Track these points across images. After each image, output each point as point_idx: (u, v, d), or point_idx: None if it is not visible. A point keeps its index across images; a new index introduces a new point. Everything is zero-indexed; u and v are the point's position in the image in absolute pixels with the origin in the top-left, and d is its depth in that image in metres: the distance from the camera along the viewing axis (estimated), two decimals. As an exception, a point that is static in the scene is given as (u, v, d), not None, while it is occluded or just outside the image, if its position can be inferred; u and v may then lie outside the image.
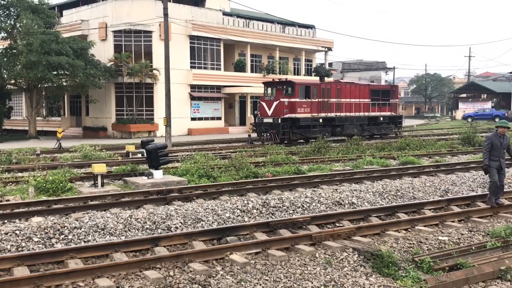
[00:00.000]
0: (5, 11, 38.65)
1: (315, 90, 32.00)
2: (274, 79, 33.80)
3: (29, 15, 35.71)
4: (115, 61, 40.13)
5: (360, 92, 34.98)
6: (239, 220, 10.71)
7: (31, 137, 38.87)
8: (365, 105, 35.13)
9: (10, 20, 38.91)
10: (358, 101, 34.61)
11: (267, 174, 16.32)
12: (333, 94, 33.10)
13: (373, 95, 35.77)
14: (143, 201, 12.06)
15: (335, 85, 34.58)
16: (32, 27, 34.78)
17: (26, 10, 36.28)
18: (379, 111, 36.24)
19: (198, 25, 43.04)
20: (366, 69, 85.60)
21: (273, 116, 30.75)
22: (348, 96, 34.02)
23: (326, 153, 22.75)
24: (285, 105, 30.55)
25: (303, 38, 54.09)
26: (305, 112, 31.37)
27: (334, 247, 8.43)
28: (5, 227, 9.38)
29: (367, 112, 35.34)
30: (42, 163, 20.17)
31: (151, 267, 7.24)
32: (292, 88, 31.06)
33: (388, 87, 39.47)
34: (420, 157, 21.66)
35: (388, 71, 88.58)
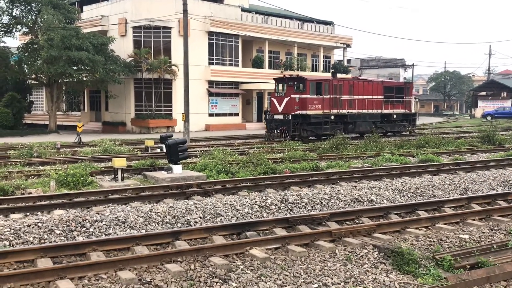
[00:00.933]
0: (27, 7, 39.07)
1: (326, 86, 31.49)
2: (285, 75, 33.22)
3: (50, 11, 36.03)
4: (135, 57, 40.39)
5: (373, 88, 34.37)
6: (257, 216, 10.74)
7: (51, 132, 39.33)
8: (378, 102, 34.52)
9: (31, 16, 39.33)
10: (371, 98, 34.01)
11: (285, 170, 16.33)
12: (346, 90, 32.56)
13: (386, 92, 35.16)
14: (163, 195, 12.14)
15: (348, 81, 34.03)
16: (53, 23, 35.11)
17: (47, 6, 36.63)
18: (392, 108, 35.59)
19: (217, 21, 43.11)
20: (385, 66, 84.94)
21: (283, 113, 30.36)
22: (360, 92, 33.45)
23: (344, 150, 22.68)
24: (296, 101, 30.15)
25: (322, 34, 53.89)
26: (316, 109, 30.81)
27: (354, 244, 8.43)
28: (28, 219, 9.53)
29: (380, 109, 34.70)
30: (62, 157, 20.41)
31: (172, 261, 7.31)
32: (303, 84, 30.56)
33: (401, 84, 38.62)
34: (440, 155, 21.48)
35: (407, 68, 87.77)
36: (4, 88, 44.34)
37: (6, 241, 8.45)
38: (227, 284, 6.79)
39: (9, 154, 21.29)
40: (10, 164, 17.56)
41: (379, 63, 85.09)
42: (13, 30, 40.18)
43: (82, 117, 45.55)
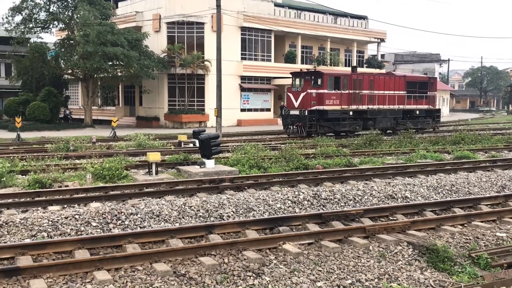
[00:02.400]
0: (63, 3, 39.85)
1: (345, 81, 30.46)
2: (301, 69, 32.47)
3: (86, 7, 36.63)
4: (168, 52, 40.76)
5: (395, 83, 33.19)
6: (290, 211, 10.75)
7: (87, 126, 40.06)
8: (400, 97, 33.30)
9: (67, 12, 40.09)
10: (392, 93, 32.84)
11: (318, 166, 16.26)
12: (365, 85, 31.45)
13: (409, 87, 33.87)
14: (196, 189, 12.25)
15: (368, 76, 32.88)
16: (89, 19, 35.69)
17: (83, 2, 37.26)
18: (415, 104, 34.33)
19: (250, 16, 43.14)
20: (419, 61, 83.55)
21: (299, 108, 29.48)
22: (381, 87, 32.35)
23: (378, 146, 22.45)
24: (312, 96, 29.21)
25: (355, 29, 53.37)
26: (334, 104, 29.87)
27: (388, 241, 8.36)
28: (65, 211, 9.75)
29: (402, 105, 33.48)
30: (98, 150, 20.78)
31: (206, 254, 7.38)
32: (321, 79, 29.54)
33: (425, 79, 37.08)
34: (476, 152, 21.07)
35: (442, 63, 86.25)
36: (41, 83, 45.27)
37: (45, 232, 8.66)
38: (260, 278, 6.82)
39: (46, 147, 21.78)
40: (47, 158, 17.97)
41: (413, 58, 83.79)
42: (50, 26, 41.08)
43: (116, 112, 46.24)
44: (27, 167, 15.28)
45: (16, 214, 9.50)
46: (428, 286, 7.00)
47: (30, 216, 9.17)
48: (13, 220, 8.84)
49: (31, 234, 8.58)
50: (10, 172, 13.77)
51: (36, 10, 39.30)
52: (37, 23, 40.10)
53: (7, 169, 13.61)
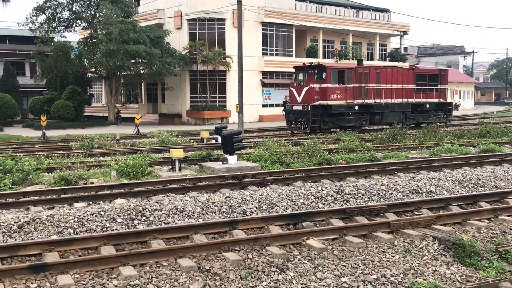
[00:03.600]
0: (86, 2, 40.27)
1: (350, 74, 29.63)
2: (304, 63, 31.45)
3: (108, 5, 36.96)
4: (190, 49, 40.92)
5: (403, 76, 32.17)
6: (313, 207, 10.71)
7: (111, 123, 40.49)
8: (408, 90, 32.29)
9: (90, 11, 40.50)
10: (400, 86, 31.87)
11: (341, 161, 16.17)
12: (372, 79, 30.52)
13: (418, 79, 32.85)
14: (219, 185, 12.29)
15: (374, 69, 31.82)
16: (111, 17, 36.01)
17: (105, 0, 37.61)
18: (425, 98, 33.23)
19: (271, 11, 43.04)
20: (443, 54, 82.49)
21: (302, 103, 28.62)
22: (389, 81, 31.37)
23: (401, 140, 22.24)
24: (315, 91, 28.41)
25: (377, 22, 52.86)
26: (339, 99, 29.05)
27: (413, 235, 8.28)
28: (91, 208, 9.87)
29: (411, 98, 32.46)
30: (122, 148, 20.99)
31: (230, 249, 7.40)
32: (324, 72, 28.85)
33: (436, 71, 35.60)
34: (502, 145, 20.73)
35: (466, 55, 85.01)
36: (65, 82, 45.91)
37: (71, 229, 8.78)
38: (284, 273, 6.82)
39: (71, 145, 22.09)
40: (72, 155, 18.22)
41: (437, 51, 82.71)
42: (73, 25, 41.58)
43: (139, 109, 46.63)
44: (53, 165, 15.52)
45: (43, 211, 9.66)
46: (454, 281, 6.91)
47: (56, 213, 9.30)
48: (40, 217, 8.98)
49: (58, 230, 8.70)
50: (36, 169, 14.00)
51: (59, 10, 39.83)
52: (61, 22, 40.60)
53: (33, 167, 13.84)
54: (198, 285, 6.40)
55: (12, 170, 13.08)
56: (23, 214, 9.35)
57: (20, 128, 38.95)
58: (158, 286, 6.35)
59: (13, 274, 6.38)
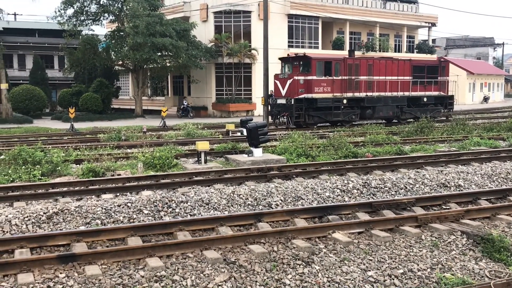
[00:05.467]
0: (113, -5, 40.62)
1: (338, 66, 27.94)
2: (289, 54, 30.25)
3: (135, -2, 37.19)
4: (216, 42, 40.98)
5: (398, 68, 30.31)
6: (339, 200, 10.64)
7: (137, 116, 40.86)
8: (404, 83, 30.48)
9: (117, 4, 40.77)
10: (395, 78, 30.13)
11: (367, 154, 16.03)
12: (363, 71, 28.86)
13: (415, 71, 31.00)
14: (244, 178, 12.29)
15: (366, 60, 30.08)
16: (138, 10, 36.22)
17: (132, -7, 37.83)
18: (423, 91, 31.38)
19: (297, 3, 42.77)
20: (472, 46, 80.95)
21: (286, 96, 27.43)
22: (382, 73, 29.63)
23: (429, 133, 21.93)
24: (300, 83, 26.98)
25: (405, 13, 52.11)
26: (325, 92, 27.45)
27: (441, 230, 8.17)
28: (118, 199, 9.98)
29: (407, 91, 30.69)
30: (148, 140, 21.18)
31: (255, 242, 7.40)
32: (309, 64, 27.29)
33: (435, 62, 33.74)
34: (533, 139, 20.27)
35: (496, 47, 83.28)
36: (93, 75, 46.54)
37: (98, 220, 8.90)
38: (310, 266, 6.79)
39: (99, 137, 22.37)
40: (100, 147, 18.45)
41: (466, 43, 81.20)
42: (101, 18, 41.92)
43: (166, 102, 46.94)
44: (81, 157, 15.74)
45: (71, 202, 9.80)
46: (483, 276, 6.80)
47: (84, 204, 9.44)
48: (68, 208, 9.12)
49: (86, 221, 8.83)
50: (65, 161, 14.21)
51: (87, 3, 40.19)
52: (88, 16, 40.99)
53: (62, 159, 14.04)
54: (224, 277, 6.42)
55: (41, 162, 13.30)
56: (52, 205, 9.51)
57: (49, 120, 39.60)
58: (184, 278, 6.39)
59: (42, 264, 6.49)
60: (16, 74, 54.25)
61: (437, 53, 58.47)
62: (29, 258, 6.65)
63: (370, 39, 49.73)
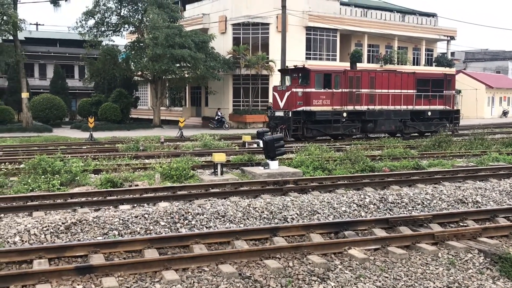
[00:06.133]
0: (134, 7, 41.12)
1: (338, 78, 27.46)
2: (287, 66, 29.84)
3: (155, 10, 37.61)
4: (233, 54, 41.21)
5: (402, 81, 29.68)
6: (355, 215, 10.62)
7: (155, 126, 41.17)
8: (407, 96, 29.88)
9: (137, 15, 41.36)
10: (398, 92, 29.54)
11: (385, 168, 15.96)
12: (365, 83, 28.30)
13: (420, 85, 30.33)
14: (260, 190, 12.32)
15: (368, 73, 29.45)
16: (157, 22, 36.63)
17: (152, 5, 38.28)
18: (427, 104, 30.73)
19: (315, 16, 42.91)
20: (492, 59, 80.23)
21: (284, 109, 27.05)
22: (385, 86, 29.05)
23: (447, 147, 21.77)
24: (298, 96, 26.58)
25: (424, 26, 51.94)
26: (324, 105, 27.00)
27: (458, 248, 8.11)
28: (135, 210, 10.07)
29: (411, 105, 30.08)
30: (166, 150, 21.32)
31: (271, 257, 7.42)
32: (307, 76, 26.87)
33: (440, 76, 33.00)
34: (554, 155, 19.99)
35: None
36: (112, 85, 47.08)
37: (116, 231, 9.00)
38: (325, 283, 6.79)
39: (117, 147, 22.59)
40: (118, 157, 18.63)
41: (485, 56, 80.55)
42: (121, 29, 42.56)
43: (183, 112, 47.26)
44: (99, 167, 15.89)
45: (89, 213, 9.91)
46: (501, 296, 6.73)
47: (102, 214, 9.54)
48: (86, 218, 9.23)
49: (103, 232, 8.93)
50: (83, 171, 14.37)
51: (108, 14, 40.81)
52: (109, 27, 41.59)
53: (81, 168, 14.22)
54: (239, 291, 6.44)
55: (61, 171, 13.47)
56: (70, 215, 9.62)
57: (69, 129, 40.10)
58: (200, 291, 6.43)
59: (60, 275, 6.58)
60: (37, 83, 55.10)
61: (456, 67, 58.12)
62: (47, 269, 6.74)
63: (389, 52, 49.63)
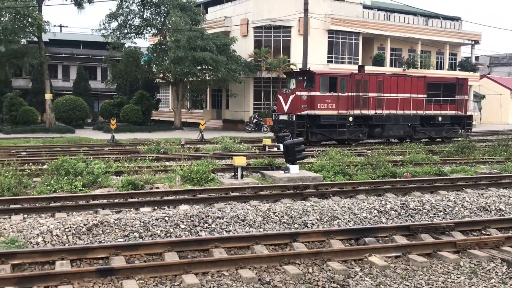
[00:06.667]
0: (156, 9, 41.51)
1: (344, 82, 26.85)
2: (292, 69, 29.00)
3: (178, 13, 37.87)
4: (255, 57, 41.28)
5: (411, 85, 28.99)
6: (376, 221, 10.55)
7: (176, 128, 41.41)
8: (417, 101, 29.11)
9: (160, 18, 41.72)
10: (408, 96, 28.82)
11: (406, 174, 15.82)
12: (372, 87, 27.68)
13: (430, 89, 29.53)
14: (280, 195, 12.29)
15: (376, 77, 28.70)
16: (180, 24, 36.89)
17: (175, 8, 38.57)
18: (438, 109, 29.87)
19: (337, 19, 42.77)
20: (517, 64, 78.96)
21: (288, 113, 26.55)
22: (394, 90, 28.38)
23: (470, 153, 21.48)
24: (302, 99, 26.08)
25: (448, 30, 51.39)
26: (329, 109, 26.45)
27: (480, 256, 8.00)
28: (156, 213, 10.14)
29: (420, 110, 29.27)
30: (186, 153, 21.43)
31: (290, 262, 7.40)
32: (312, 79, 26.34)
33: (452, 80, 31.98)
34: None
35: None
36: (134, 87, 47.48)
37: (136, 233, 9.07)
38: (345, 290, 6.75)
39: (139, 149, 22.76)
40: (140, 159, 18.76)
41: (510, 61, 79.35)
42: (144, 32, 42.95)
43: (204, 115, 47.45)
44: (121, 168, 16.02)
45: (111, 215, 10.00)
46: (524, 308, 6.61)
47: (123, 216, 9.63)
48: (108, 220, 9.32)
49: (124, 234, 9.01)
50: (105, 173, 14.52)
51: (131, 17, 41.25)
52: (132, 29, 42.01)
53: (103, 170, 14.37)
54: (258, 297, 6.44)
55: (83, 173, 13.61)
56: (92, 216, 9.72)
57: (91, 130, 40.55)
58: (219, 296, 6.44)
59: (82, 276, 6.65)
60: (60, 85, 55.89)
61: (480, 71, 57.40)
62: (69, 270, 6.82)
63: (412, 56, 49.23)
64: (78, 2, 38.84)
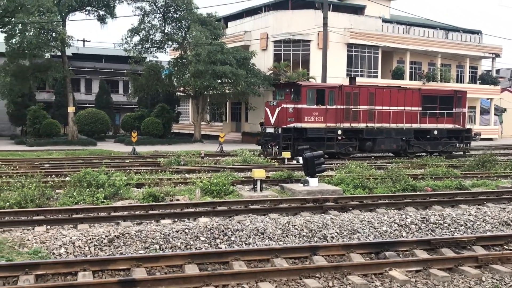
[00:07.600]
0: (177, 24, 42.04)
1: (332, 94, 26.31)
2: (280, 81, 28.57)
3: (198, 27, 38.31)
4: (274, 70, 41.44)
5: (405, 98, 28.34)
6: (396, 235, 10.50)
7: (196, 141, 41.67)
8: (411, 114, 28.46)
9: (181, 32, 42.23)
10: (401, 109, 28.18)
11: (427, 188, 15.71)
12: (363, 100, 27.07)
13: (426, 102, 28.90)
14: (300, 208, 12.30)
15: (367, 89, 28.10)
16: (200, 39, 37.28)
17: (195, 23, 39.02)
18: (434, 123, 29.23)
19: (356, 33, 42.81)
20: (539, 77, 77.89)
21: (275, 125, 26.21)
22: (386, 102, 27.77)
23: (491, 167, 21.24)
24: (289, 112, 25.70)
25: (468, 44, 51.03)
26: (317, 122, 25.95)
27: (502, 272, 7.91)
28: (176, 225, 10.23)
29: (415, 123, 28.62)
30: (206, 165, 21.55)
31: (310, 276, 7.41)
32: (298, 92, 25.96)
33: (450, 93, 31.08)
34: None
35: None
36: (155, 100, 47.98)
37: (157, 245, 9.16)
38: (365, 304, 6.73)
39: (159, 161, 22.97)
40: (160, 171, 18.94)
41: (532, 74, 78.31)
42: (165, 46, 43.49)
43: (224, 128, 47.66)
44: (142, 181, 16.19)
45: (132, 226, 10.11)
46: (548, 324, 6.52)
47: (144, 228, 9.73)
48: (129, 232, 9.43)
49: (145, 246, 9.10)
50: (126, 185, 14.68)
51: (153, 31, 41.85)
52: (153, 44, 42.59)
53: (124, 182, 14.53)
54: (278, 310, 6.45)
55: (105, 185, 13.79)
56: (114, 228, 9.85)
57: (112, 143, 40.98)
58: (239, 308, 6.47)
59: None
60: (82, 98, 56.65)
61: (501, 84, 56.79)
62: (92, 281, 6.92)
63: (431, 69, 48.96)
64: (101, 18, 39.57)
